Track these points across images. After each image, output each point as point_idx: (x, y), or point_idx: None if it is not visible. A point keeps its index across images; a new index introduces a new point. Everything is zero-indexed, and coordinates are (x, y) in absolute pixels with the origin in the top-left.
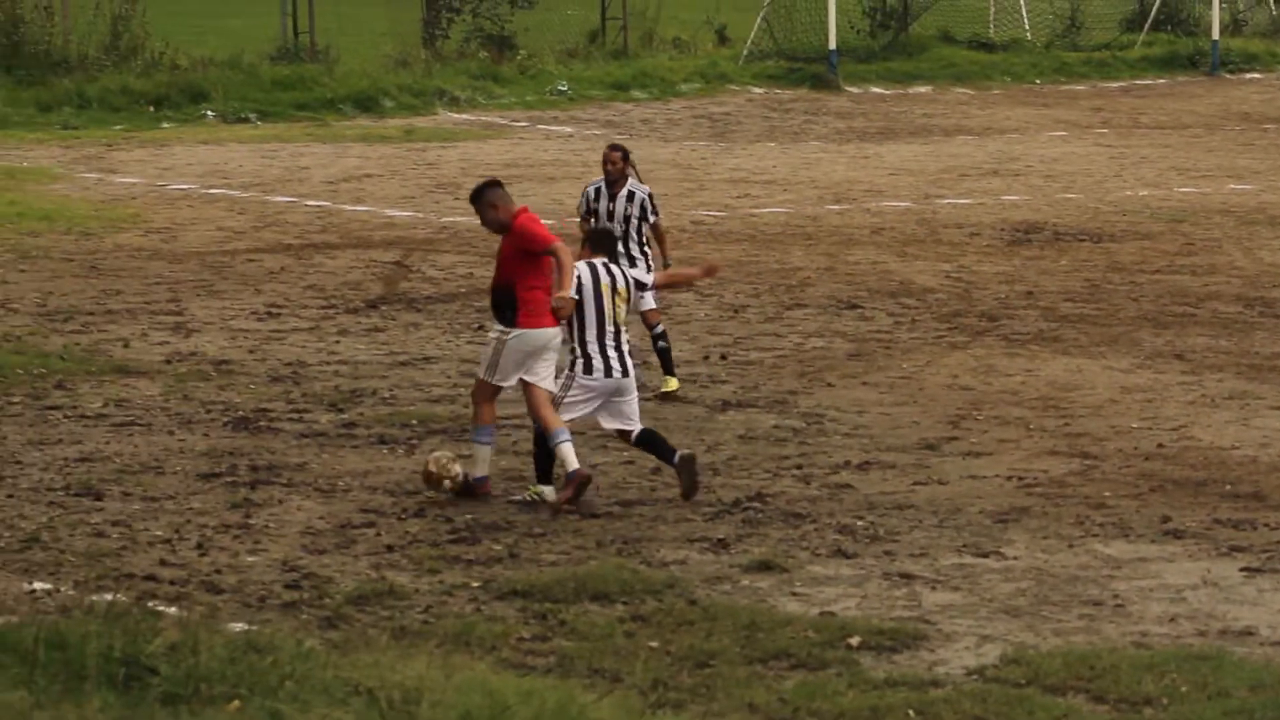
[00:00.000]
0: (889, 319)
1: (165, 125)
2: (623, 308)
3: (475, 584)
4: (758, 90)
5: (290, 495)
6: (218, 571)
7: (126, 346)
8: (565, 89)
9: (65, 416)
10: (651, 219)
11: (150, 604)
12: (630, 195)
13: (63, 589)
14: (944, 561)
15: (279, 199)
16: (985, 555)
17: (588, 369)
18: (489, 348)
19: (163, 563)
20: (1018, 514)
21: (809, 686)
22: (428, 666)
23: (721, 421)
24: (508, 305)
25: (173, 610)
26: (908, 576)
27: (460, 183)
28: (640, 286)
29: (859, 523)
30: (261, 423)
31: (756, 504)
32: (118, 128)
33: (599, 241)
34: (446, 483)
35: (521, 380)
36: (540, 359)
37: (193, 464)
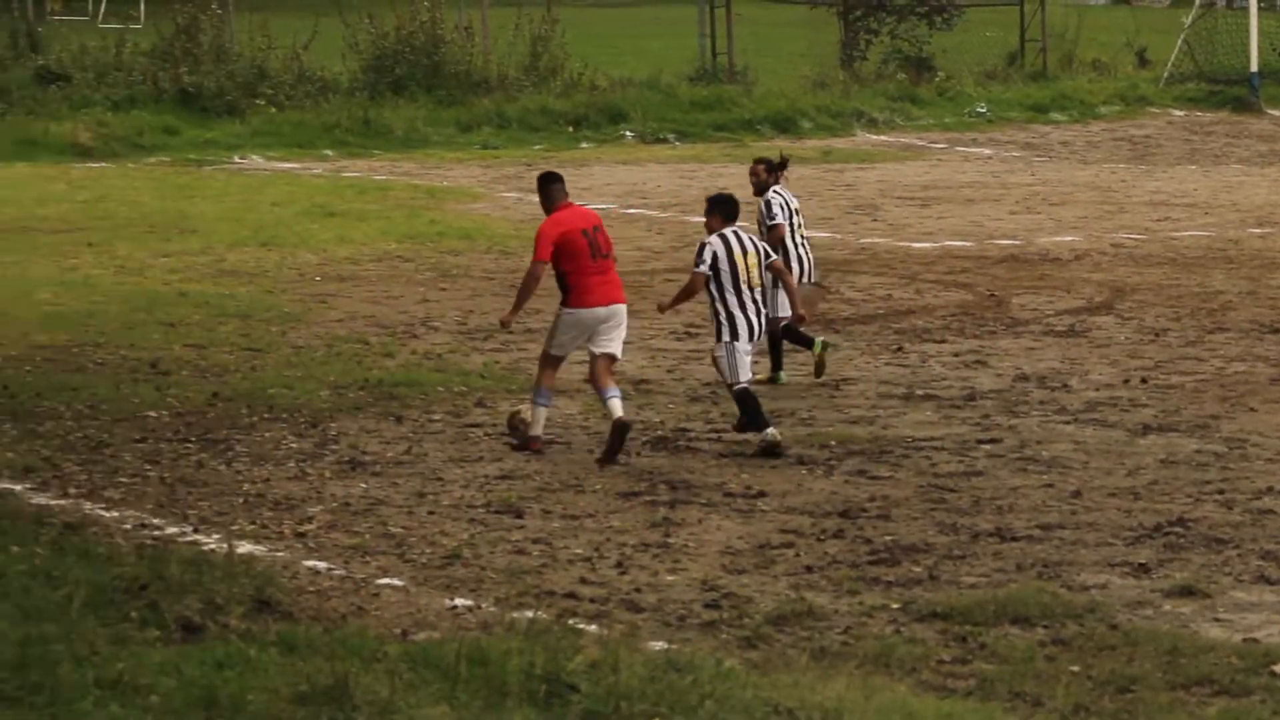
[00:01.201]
0: None
1: (584, 145)
2: (755, 270)
3: (895, 605)
4: (1178, 113)
5: (709, 515)
6: (637, 590)
7: None
8: (984, 111)
9: (485, 434)
10: (769, 224)
11: (571, 621)
12: (768, 203)
13: (484, 605)
14: None
15: (696, 219)
16: None
17: (737, 335)
18: (553, 322)
19: (583, 580)
20: None
21: (1232, 713)
22: (847, 688)
23: (1142, 445)
24: (561, 287)
25: (593, 628)
26: None
27: (878, 204)
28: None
29: None
30: (680, 442)
31: (1178, 529)
32: (537, 147)
33: (721, 206)
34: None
35: (590, 350)
36: (599, 332)
37: (612, 483)
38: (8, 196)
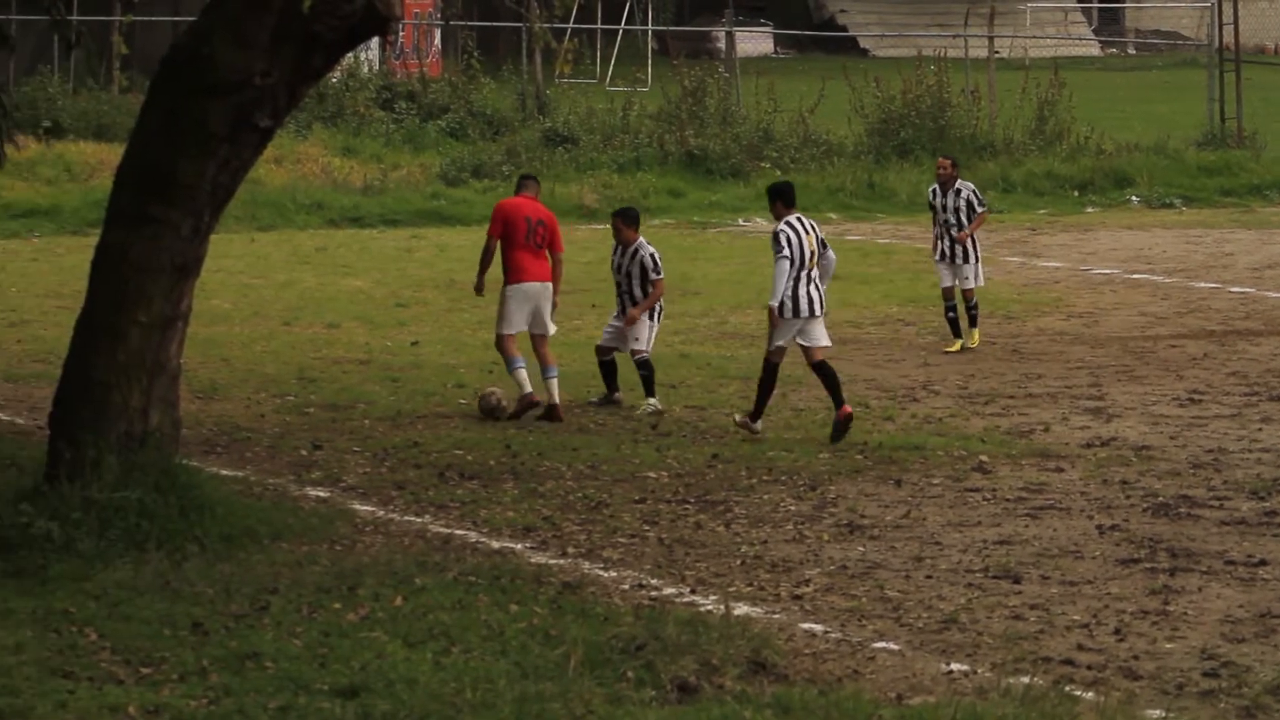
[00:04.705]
0: None
1: (1089, 210)
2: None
3: None
4: None
5: (1209, 582)
6: (1135, 657)
7: (1046, 430)
8: None
9: (984, 499)
10: (979, 209)
11: (1067, 688)
12: (959, 191)
13: (980, 671)
14: None
15: (1202, 285)
16: None
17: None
18: (499, 304)
19: (1080, 647)
20: None
21: None
22: None
23: None
24: (503, 267)
25: (1089, 695)
26: None
27: None
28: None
29: None
30: (1181, 509)
31: None
32: (1041, 212)
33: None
34: (495, 404)
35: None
36: (537, 311)
37: (1111, 549)
38: None
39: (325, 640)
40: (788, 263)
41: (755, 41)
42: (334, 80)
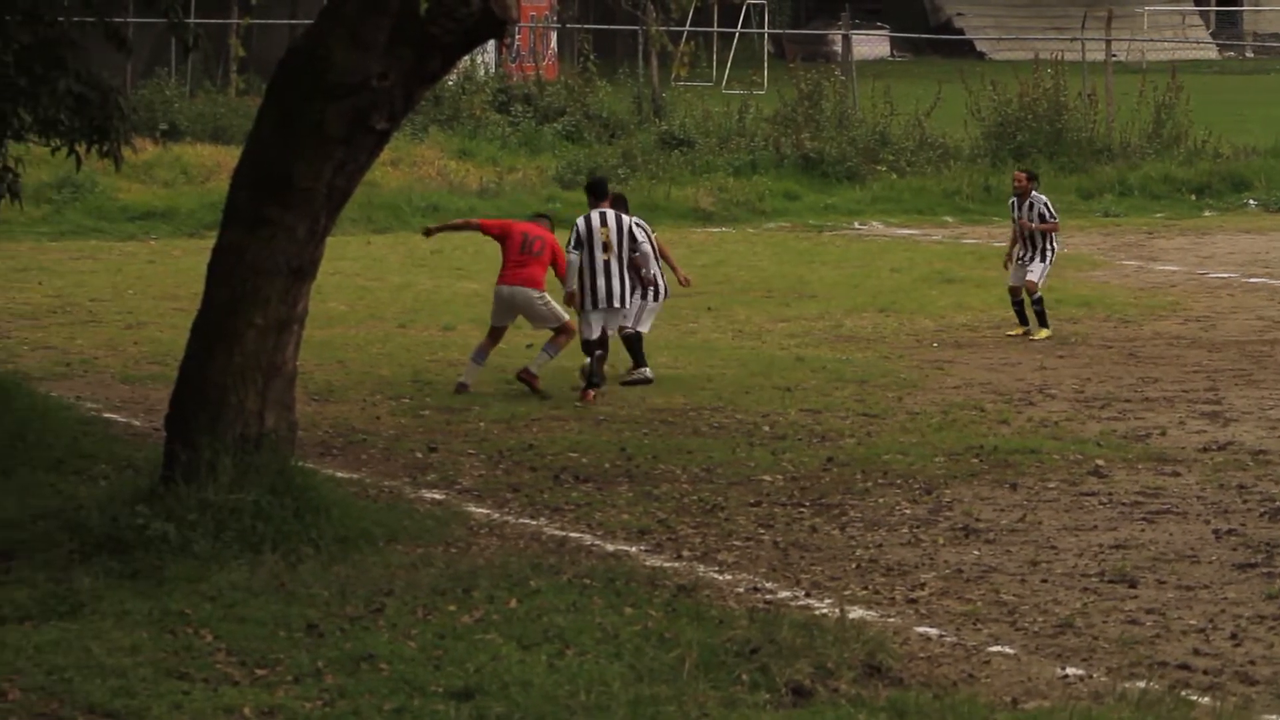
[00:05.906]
0: None
1: (1206, 213)
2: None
3: None
4: None
5: None
6: (1251, 662)
7: (1163, 434)
8: None
9: (1100, 503)
10: (1050, 219)
11: (1183, 693)
12: (1031, 205)
13: (1095, 675)
14: None
15: None
16: None
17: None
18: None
19: (1196, 652)
20: None
21: None
22: None
23: None
24: None
25: (1205, 700)
26: None
27: None
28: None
29: None
30: None
31: None
32: (1158, 215)
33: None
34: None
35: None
36: (515, 308)
37: (1228, 554)
38: None
39: (440, 642)
40: (575, 255)
41: (872, 44)
42: (450, 83)
